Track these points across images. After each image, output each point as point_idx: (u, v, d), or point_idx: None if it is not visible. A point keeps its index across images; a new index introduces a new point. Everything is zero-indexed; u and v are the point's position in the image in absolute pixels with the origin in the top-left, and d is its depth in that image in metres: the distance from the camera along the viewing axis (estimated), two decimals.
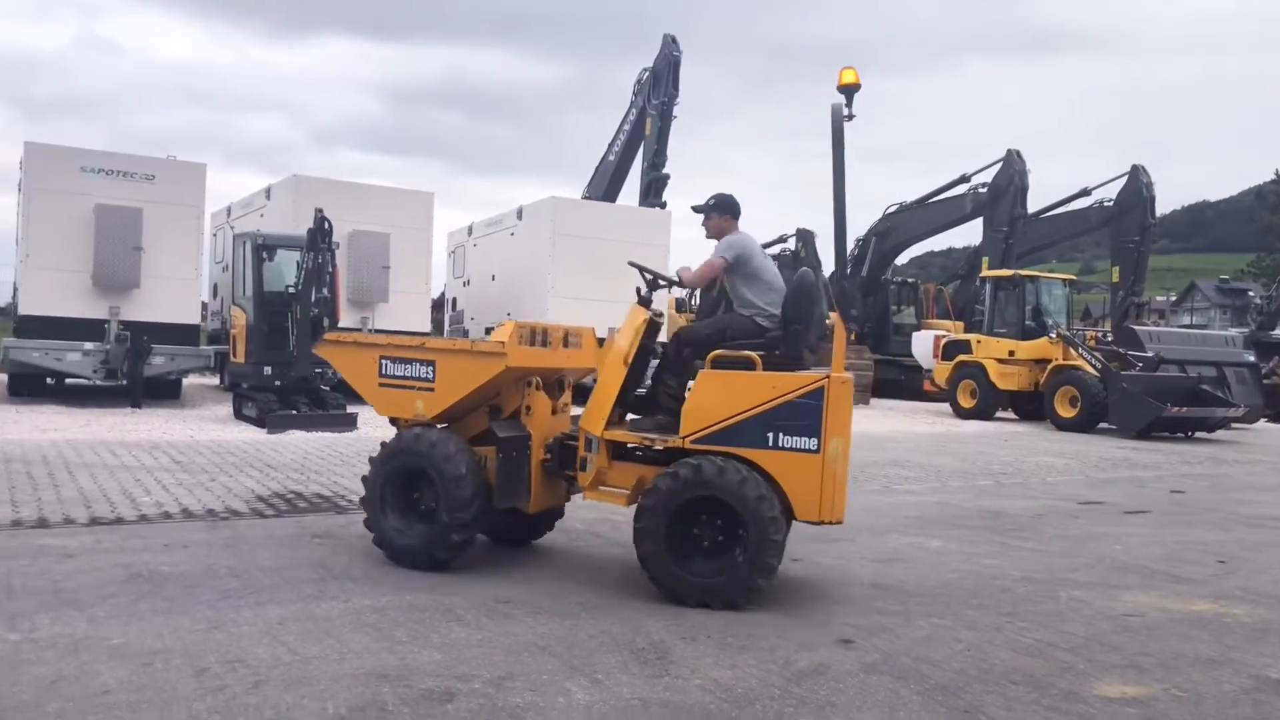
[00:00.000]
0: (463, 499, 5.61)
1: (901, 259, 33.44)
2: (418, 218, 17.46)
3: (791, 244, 26.02)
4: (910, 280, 31.69)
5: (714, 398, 5.38)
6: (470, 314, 21.78)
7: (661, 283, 6.13)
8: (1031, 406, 20.81)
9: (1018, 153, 25.69)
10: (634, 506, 5.50)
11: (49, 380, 15.89)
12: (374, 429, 13.32)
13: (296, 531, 6.69)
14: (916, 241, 31.05)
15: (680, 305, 25.94)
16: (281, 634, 4.44)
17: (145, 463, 9.37)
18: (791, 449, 5.23)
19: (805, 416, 5.22)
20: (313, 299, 12.50)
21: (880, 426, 18.14)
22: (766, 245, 27.73)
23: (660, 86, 23.88)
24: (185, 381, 17.12)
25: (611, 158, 25.56)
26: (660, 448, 5.51)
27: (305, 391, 13.14)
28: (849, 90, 6.06)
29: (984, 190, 26.15)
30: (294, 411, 12.75)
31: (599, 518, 7.48)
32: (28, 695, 3.61)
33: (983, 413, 20.82)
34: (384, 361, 6.06)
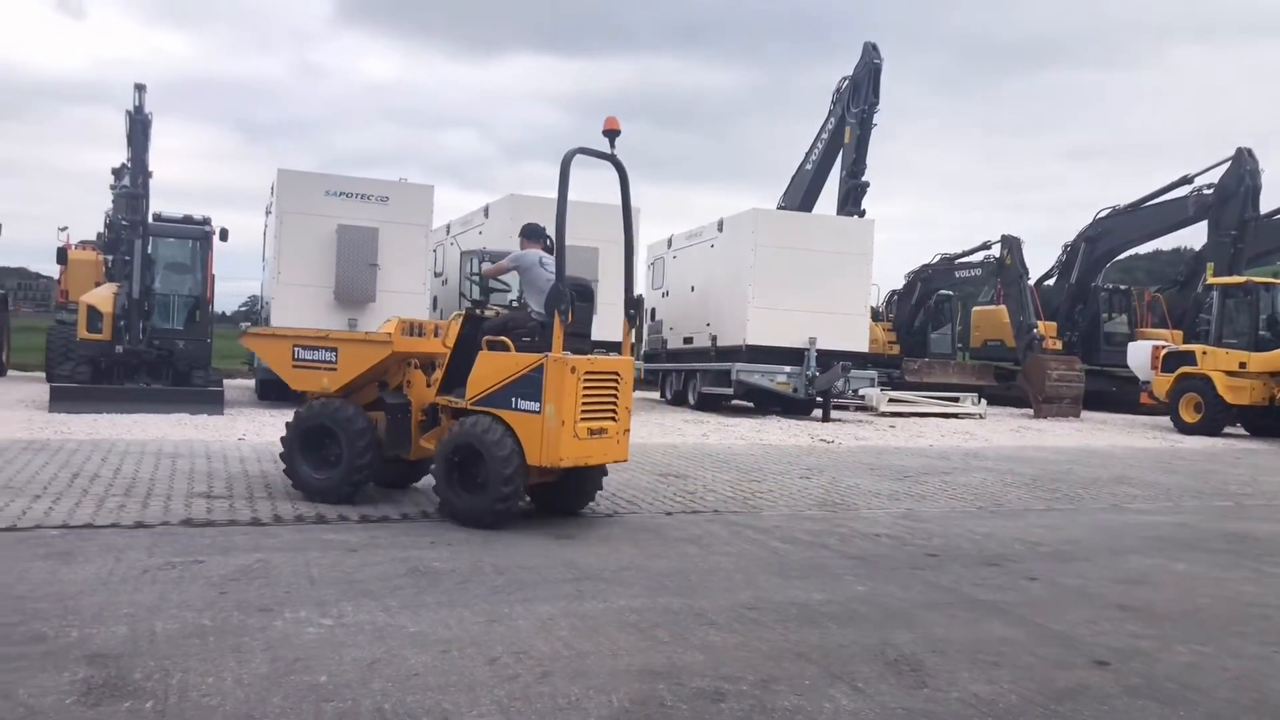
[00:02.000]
0: (362, 449, 7.64)
1: None
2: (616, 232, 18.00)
3: (996, 250, 25.17)
4: (1123, 287, 30.05)
5: (484, 371, 7.25)
6: (669, 324, 22.26)
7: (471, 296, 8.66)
8: (1265, 422, 19.42)
9: (1249, 151, 23.93)
10: None
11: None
12: None
13: (544, 533, 7.14)
14: (1130, 247, 29.49)
15: (875, 315, 25.61)
16: (554, 629, 4.82)
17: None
18: (524, 410, 7.03)
19: (531, 386, 7.00)
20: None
21: (1098, 440, 17.38)
22: (967, 253, 26.95)
23: (860, 94, 23.67)
24: None
25: (809, 166, 25.52)
26: (456, 407, 7.45)
27: None
28: (611, 134, 7.46)
29: (1209, 192, 24.50)
30: None
31: (824, 529, 7.63)
32: (353, 674, 4.09)
33: (1209, 428, 19.56)
34: (296, 349, 8.06)
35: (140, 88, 14.02)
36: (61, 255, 21.61)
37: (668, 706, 3.92)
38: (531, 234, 8.34)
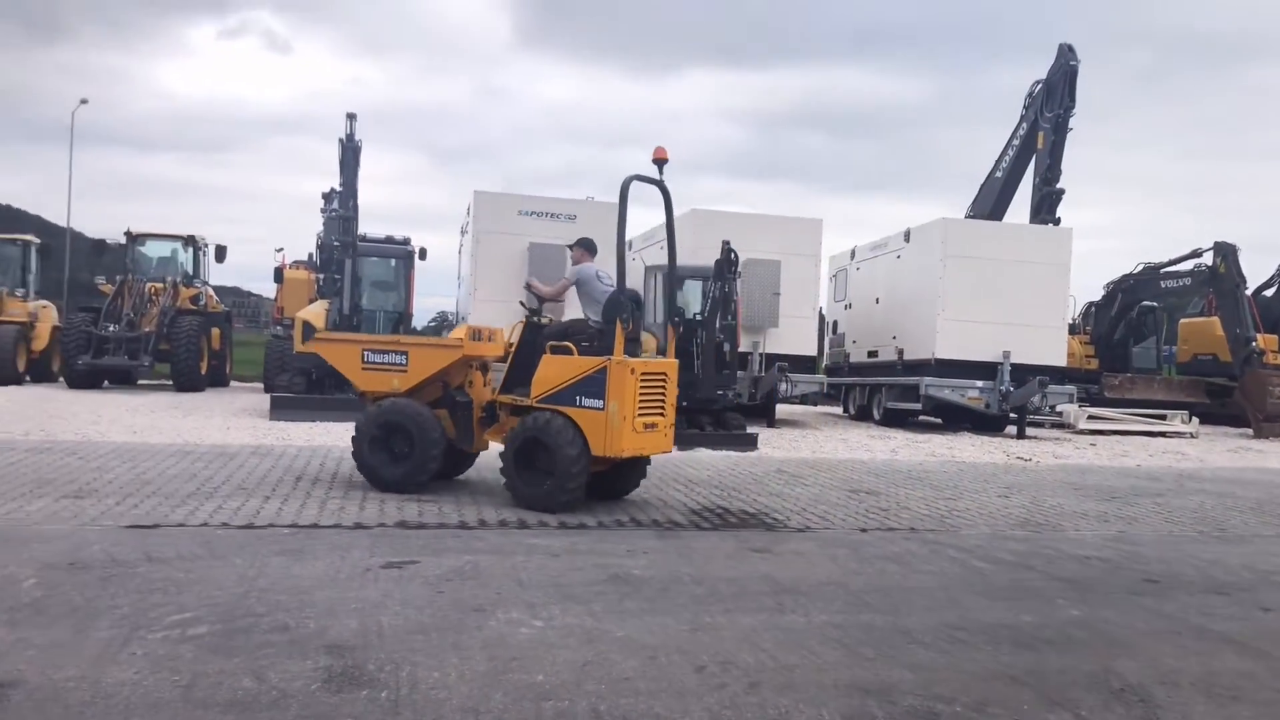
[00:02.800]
0: (433, 442, 8.46)
1: None
2: (806, 244, 17.90)
3: (1208, 259, 23.49)
4: None
5: (549, 372, 8.06)
6: (851, 337, 21.91)
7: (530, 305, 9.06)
8: None
9: None
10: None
11: None
12: (773, 448, 13.86)
13: (736, 545, 7.18)
14: None
15: (1072, 328, 24.38)
16: (758, 641, 4.83)
17: None
18: (588, 407, 7.83)
19: (595, 386, 7.80)
20: (718, 325, 13.25)
21: None
22: (1175, 261, 25.28)
23: (1055, 98, 22.64)
24: None
25: (999, 174, 24.58)
26: (522, 404, 8.24)
27: (708, 412, 13.92)
28: (659, 163, 8.30)
29: None
30: (699, 430, 13.55)
31: (1029, 550, 7.31)
32: (567, 675, 4.23)
33: None
34: (365, 353, 8.87)
35: (351, 116, 15.02)
36: (278, 274, 23.32)
37: None
38: (588, 246, 9.21)
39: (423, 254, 19.26)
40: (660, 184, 8.41)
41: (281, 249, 24.16)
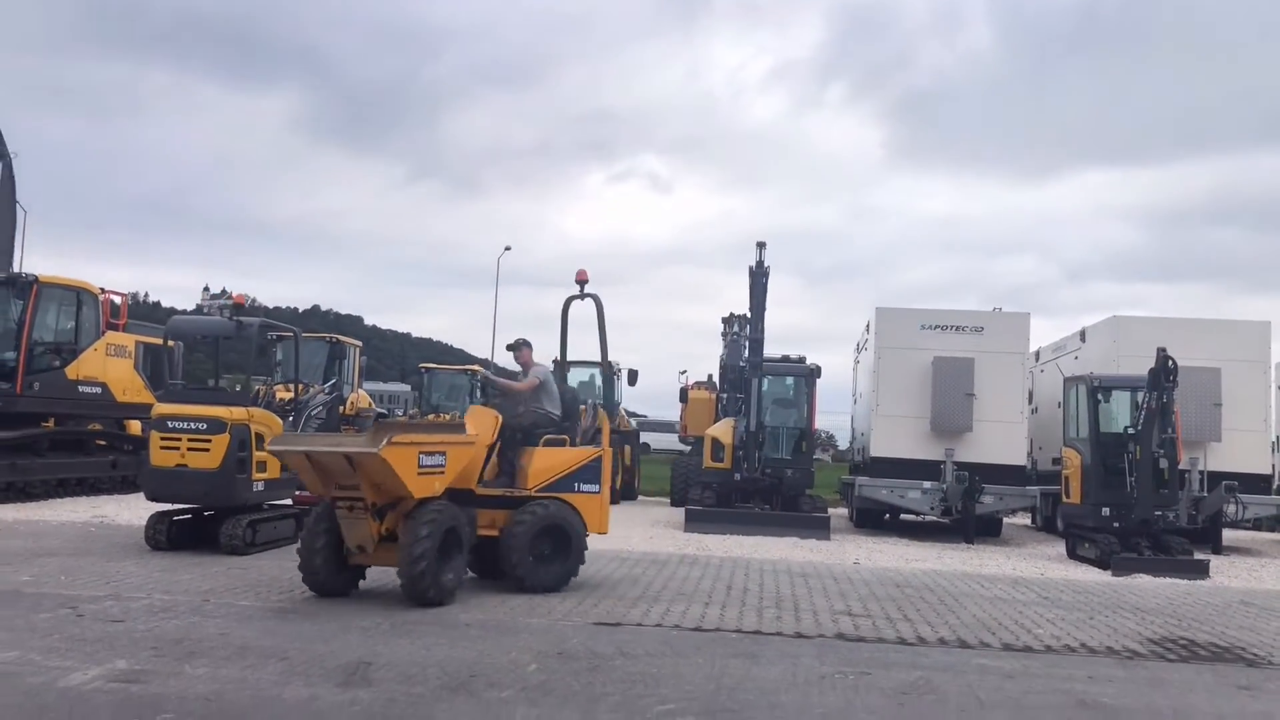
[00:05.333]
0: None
1: None
2: (1251, 349, 16.11)
3: None
4: None
5: (546, 463, 8.92)
6: None
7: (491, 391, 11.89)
8: None
9: None
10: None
11: (886, 516, 17.94)
12: (1228, 578, 12.38)
13: (1215, 679, 6.49)
14: None
15: None
16: None
17: (1014, 596, 9.95)
18: (585, 491, 9.02)
19: (593, 472, 9.12)
20: (1155, 440, 12.21)
21: None
22: None
23: None
24: (1005, 520, 17.83)
25: None
26: (516, 495, 8.81)
27: (1146, 534, 12.75)
28: (581, 283, 9.75)
29: None
30: (1137, 555, 12.43)
31: None
32: None
33: None
34: (421, 456, 7.86)
35: (761, 245, 15.91)
36: (683, 394, 24.80)
37: None
38: (531, 346, 9.85)
39: (817, 372, 19.66)
40: (594, 297, 9.68)
41: (684, 371, 25.83)
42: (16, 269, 15.96)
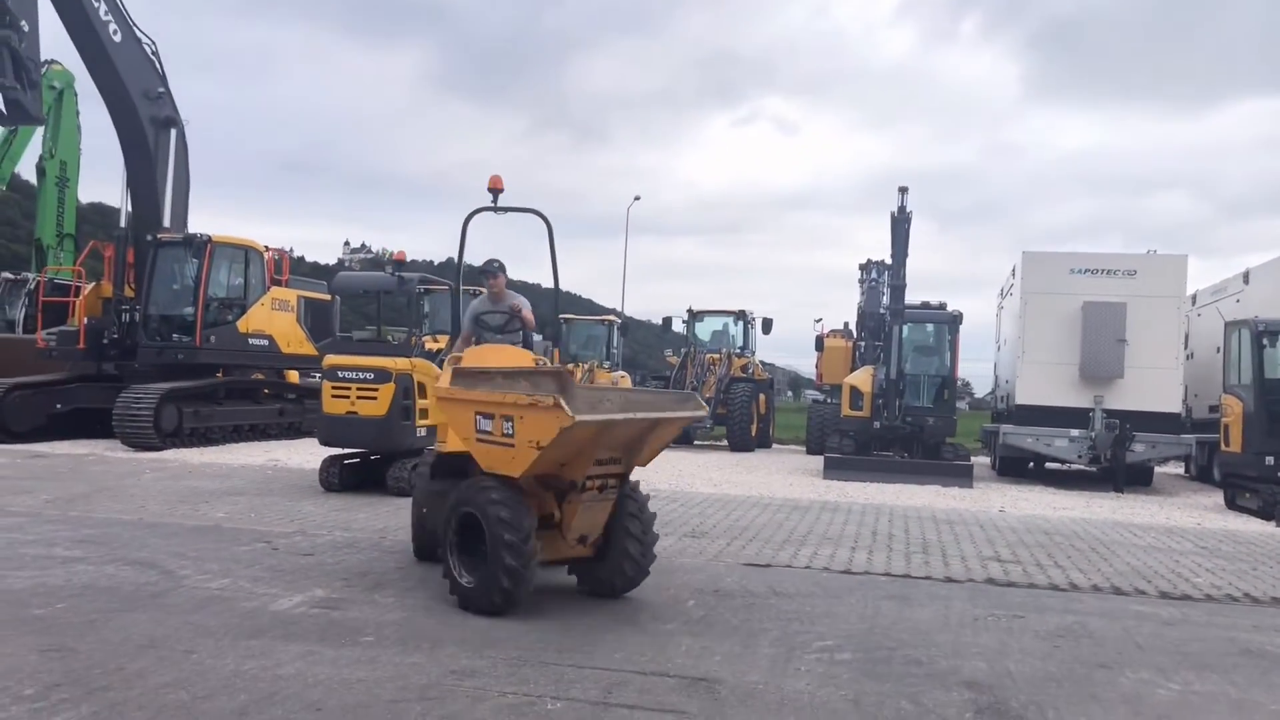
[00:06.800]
0: None
1: None
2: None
3: None
4: None
5: None
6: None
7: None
8: None
9: None
10: None
11: (1030, 464, 17.61)
12: None
13: None
14: None
15: None
16: None
17: (1168, 545, 9.75)
18: None
19: None
20: None
21: None
22: None
23: None
24: (1157, 469, 17.28)
25: None
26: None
27: None
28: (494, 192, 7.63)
29: None
30: None
31: None
32: None
33: None
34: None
35: (903, 190, 15.67)
36: (819, 343, 24.72)
37: None
38: (504, 270, 8.14)
39: (960, 319, 19.29)
40: (540, 215, 8.24)
41: (820, 319, 25.65)
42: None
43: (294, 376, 19.27)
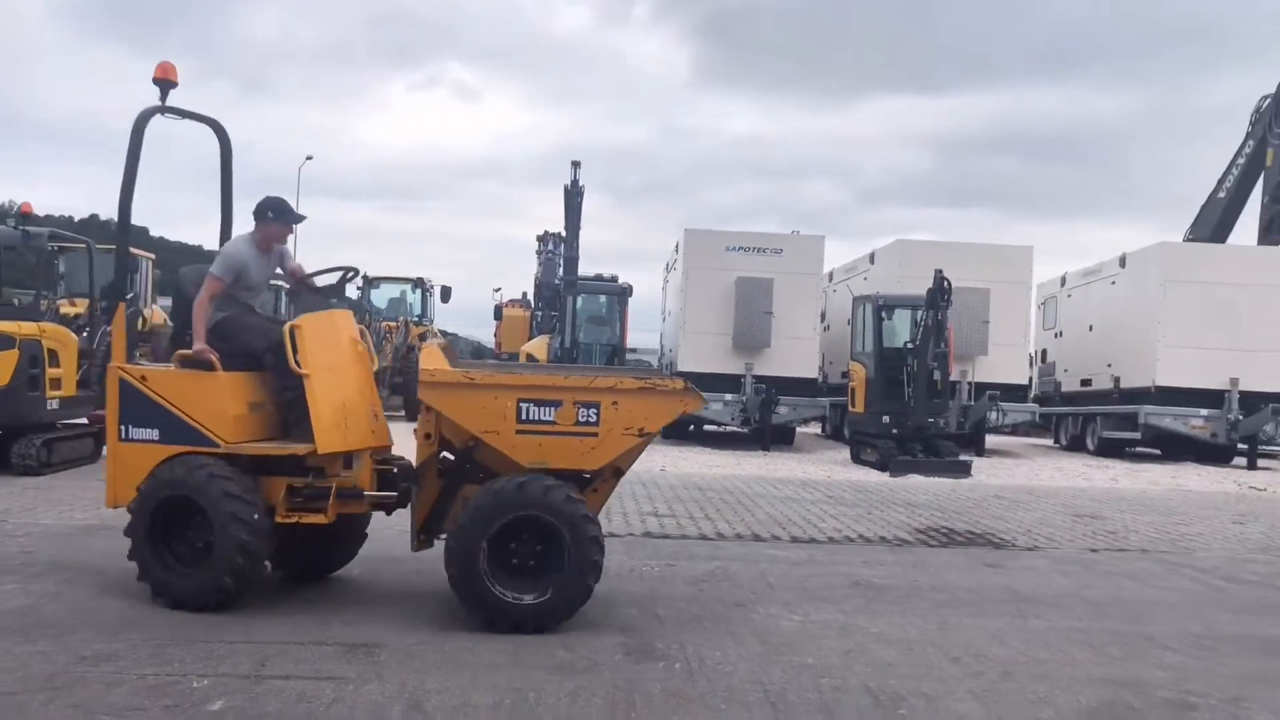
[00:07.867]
0: None
1: None
2: (1016, 272, 17.76)
3: None
4: None
5: None
6: (1063, 365, 21.36)
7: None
8: None
9: None
10: None
11: (690, 427, 18.84)
12: (987, 476, 13.86)
13: (968, 560, 7.46)
14: None
15: None
16: (1006, 640, 5.17)
17: (802, 496, 10.88)
18: None
19: None
20: (931, 354, 13.43)
21: None
22: None
23: None
24: (798, 429, 19.11)
25: (1221, 194, 23.40)
26: None
27: (920, 439, 14.08)
28: (164, 85, 5.72)
29: None
30: (911, 457, 13.73)
31: (1274, 572, 7.23)
32: (833, 660, 4.72)
33: None
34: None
35: (575, 164, 16.16)
36: (498, 312, 24.95)
37: (1137, 709, 4.16)
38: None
39: (629, 291, 20.22)
40: (214, 124, 6.16)
41: (499, 289, 25.92)
42: None
43: None
